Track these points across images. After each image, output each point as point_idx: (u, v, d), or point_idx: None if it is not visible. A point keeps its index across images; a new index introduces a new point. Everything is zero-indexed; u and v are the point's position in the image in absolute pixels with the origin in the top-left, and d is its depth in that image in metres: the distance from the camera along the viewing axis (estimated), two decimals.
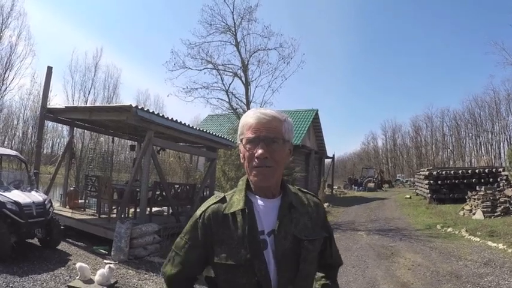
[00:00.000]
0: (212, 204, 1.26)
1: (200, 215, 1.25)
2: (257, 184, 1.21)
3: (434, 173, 18.10)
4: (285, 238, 1.17)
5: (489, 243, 8.70)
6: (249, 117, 1.22)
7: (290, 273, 1.16)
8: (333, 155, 29.78)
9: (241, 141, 1.22)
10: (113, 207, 8.57)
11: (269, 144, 1.17)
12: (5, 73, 31.36)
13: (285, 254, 1.16)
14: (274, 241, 1.17)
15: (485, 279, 6.08)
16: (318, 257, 1.31)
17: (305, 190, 1.41)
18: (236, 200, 1.22)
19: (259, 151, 1.16)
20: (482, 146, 52.28)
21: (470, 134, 54.21)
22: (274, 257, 1.15)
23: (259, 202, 1.22)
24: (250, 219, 1.17)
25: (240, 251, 1.15)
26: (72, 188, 9.92)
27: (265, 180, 1.19)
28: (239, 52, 14.90)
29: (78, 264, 5.34)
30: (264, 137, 1.17)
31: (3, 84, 31.36)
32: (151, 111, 7.57)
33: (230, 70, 15.12)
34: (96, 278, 5.14)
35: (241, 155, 1.25)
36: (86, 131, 15.85)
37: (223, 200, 1.26)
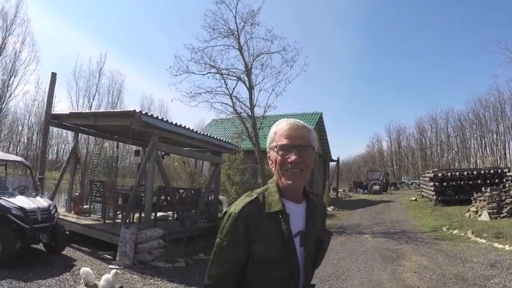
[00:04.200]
0: (246, 205, 1.32)
1: (238, 214, 1.31)
2: (289, 186, 1.34)
3: (440, 174, 17.94)
4: (311, 239, 1.39)
5: (495, 244, 8.63)
6: (281, 125, 1.38)
7: (310, 268, 1.41)
8: (338, 158, 29.74)
9: (275, 148, 1.36)
10: (118, 213, 8.59)
11: (301, 151, 1.32)
12: (9, 80, 31.61)
13: (310, 252, 1.38)
14: (303, 242, 1.36)
15: (492, 281, 6.03)
16: None
17: (312, 191, 1.54)
18: (273, 202, 1.33)
19: (293, 157, 1.30)
20: (487, 147, 51.87)
21: (475, 135, 53.80)
22: (302, 254, 1.35)
23: (289, 206, 1.35)
24: (286, 220, 1.31)
25: (277, 247, 1.29)
26: (77, 194, 9.96)
27: (297, 182, 1.33)
28: (242, 56, 14.86)
29: (81, 270, 5.36)
30: (297, 144, 1.33)
31: (7, 90, 31.60)
32: (155, 116, 7.60)
33: (234, 74, 15.06)
34: (101, 283, 5.15)
35: (270, 161, 1.40)
36: (90, 136, 15.90)
37: (257, 200, 1.34)
